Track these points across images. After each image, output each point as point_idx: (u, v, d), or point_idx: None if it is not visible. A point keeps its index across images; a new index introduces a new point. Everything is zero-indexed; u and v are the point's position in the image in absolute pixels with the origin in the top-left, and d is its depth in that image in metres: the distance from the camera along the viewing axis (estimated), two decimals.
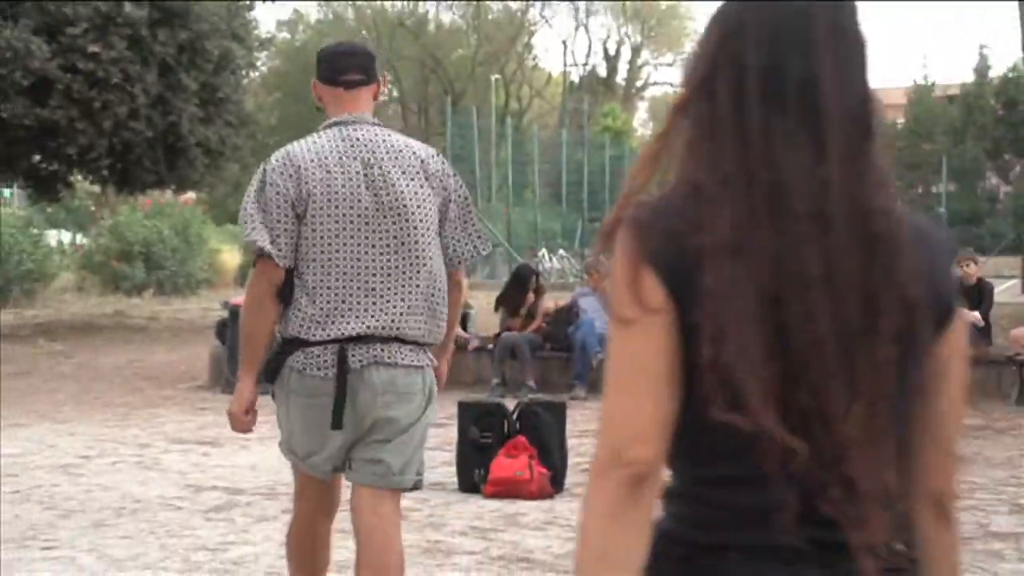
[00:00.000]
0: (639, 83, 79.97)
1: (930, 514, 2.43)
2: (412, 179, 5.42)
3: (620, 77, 77.30)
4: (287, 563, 6.10)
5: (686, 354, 2.22)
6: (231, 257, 37.93)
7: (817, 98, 2.27)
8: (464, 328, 16.67)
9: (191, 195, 34.88)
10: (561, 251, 36.20)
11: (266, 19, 68.18)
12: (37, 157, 24.10)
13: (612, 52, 77.99)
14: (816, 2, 2.32)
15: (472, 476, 9.89)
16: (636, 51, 78.48)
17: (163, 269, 33.11)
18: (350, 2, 72.99)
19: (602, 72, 76.36)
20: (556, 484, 9.91)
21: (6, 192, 34.23)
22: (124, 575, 7.41)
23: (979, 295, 16.33)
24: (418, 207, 5.41)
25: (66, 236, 39.02)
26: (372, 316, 5.35)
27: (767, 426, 2.15)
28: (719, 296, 2.16)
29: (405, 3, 73.58)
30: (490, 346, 16.49)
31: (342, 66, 5.67)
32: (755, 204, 2.22)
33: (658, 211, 2.30)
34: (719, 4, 2.44)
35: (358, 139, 5.43)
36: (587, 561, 2.25)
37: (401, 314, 5.38)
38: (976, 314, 15.97)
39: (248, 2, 25.10)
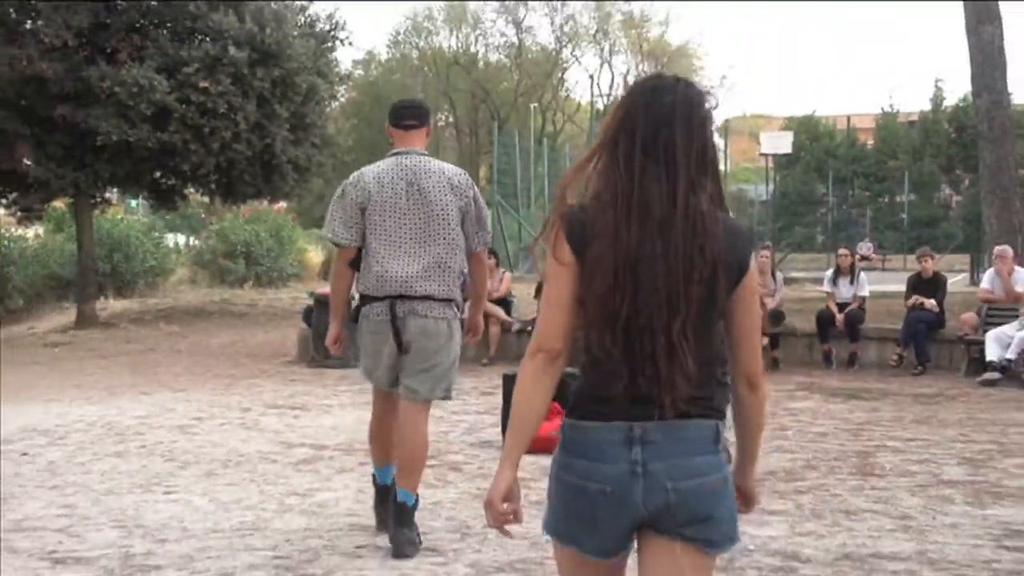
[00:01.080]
0: None
1: (743, 385, 3.57)
2: (439, 191, 6.80)
3: None
4: (369, 447, 7.44)
5: (585, 295, 3.40)
6: (315, 255, 37.90)
7: (673, 153, 3.40)
8: (508, 313, 16.72)
9: (283, 204, 34.88)
10: None
11: (345, 58, 67.86)
12: (158, 174, 24.11)
13: (658, 71, 77.65)
14: (676, 99, 3.46)
15: None
16: None
17: (260, 265, 33.16)
18: (413, 45, 73.00)
19: None
20: None
21: (133, 203, 34.34)
22: (230, 515, 7.48)
23: (935, 286, 16.30)
24: (441, 209, 6.79)
25: (181, 238, 39.15)
26: (410, 282, 6.75)
27: (595, 333, 3.41)
28: (594, 262, 3.36)
29: (459, 45, 73.57)
30: (529, 328, 16.50)
31: (403, 115, 7.16)
32: (629, 210, 3.37)
33: (575, 211, 3.46)
34: (625, 93, 3.70)
35: (406, 165, 6.86)
36: (518, 403, 3.54)
37: (419, 276, 6.74)
38: (933, 301, 15.93)
39: (330, 45, 25.08)
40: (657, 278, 3.34)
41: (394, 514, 6.68)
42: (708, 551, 3.39)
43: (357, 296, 7.12)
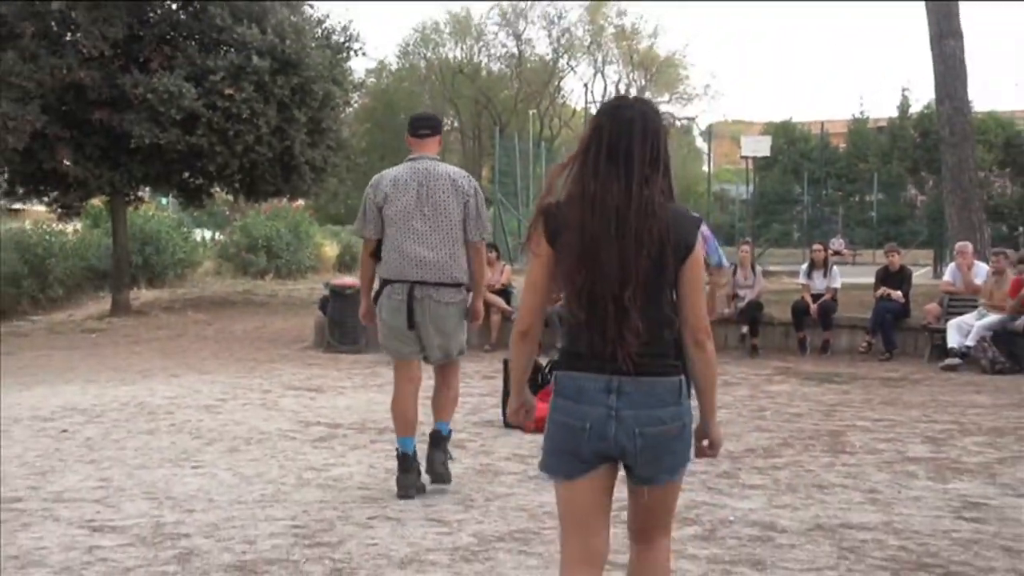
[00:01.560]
0: None
1: (691, 343, 3.97)
2: (444, 192, 7.46)
3: None
4: (392, 419, 7.72)
5: (560, 271, 3.96)
6: (331, 249, 37.92)
7: (631, 156, 3.93)
8: (508, 303, 16.69)
9: (300, 202, 34.83)
10: None
11: (358, 67, 67.77)
12: (186, 174, 24.09)
13: (622, 92, 77.76)
14: (635, 115, 4.00)
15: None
16: (640, 92, 78.03)
17: (280, 258, 33.10)
18: (421, 56, 72.94)
19: None
20: None
21: (163, 200, 34.36)
22: (252, 488, 7.50)
23: (902, 278, 16.31)
24: (445, 208, 7.45)
25: (207, 233, 39.12)
26: (422, 269, 7.40)
27: (576, 305, 3.93)
28: (564, 247, 3.93)
29: (463, 55, 73.49)
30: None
31: (418, 126, 7.86)
32: (592, 204, 3.91)
33: (552, 208, 3.99)
34: (596, 113, 4.27)
35: (419, 169, 7.52)
36: (514, 360, 4.23)
37: (432, 265, 7.40)
38: (899, 292, 15.95)
39: (345, 55, 25.06)
40: (612, 256, 3.87)
41: (431, 441, 7.68)
42: (672, 480, 4.02)
43: (379, 279, 7.66)
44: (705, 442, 4.10)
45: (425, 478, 7.48)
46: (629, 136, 3.96)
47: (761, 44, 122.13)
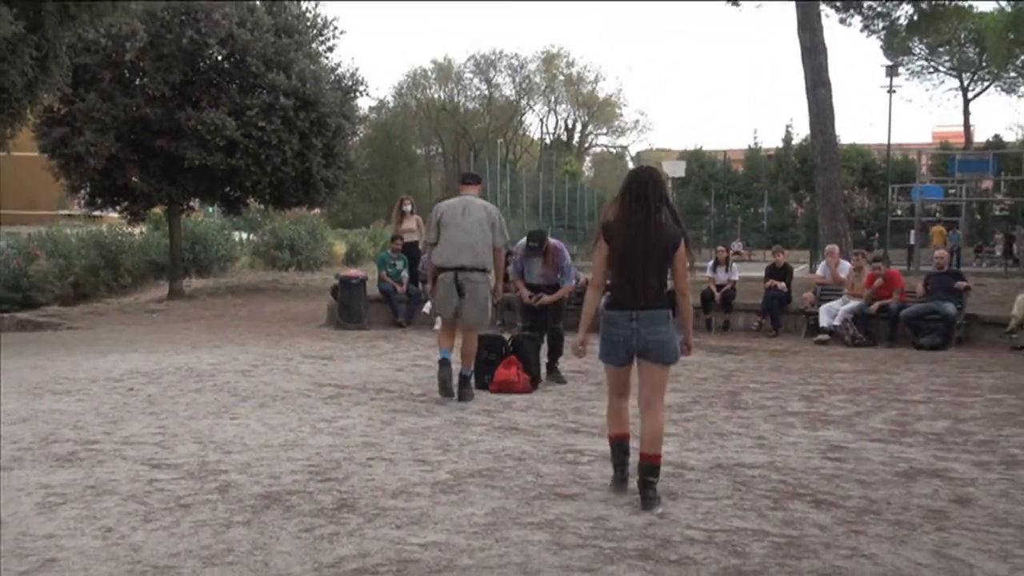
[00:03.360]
0: (586, 145, 79.58)
1: (680, 294, 5.81)
2: (478, 212, 9.10)
3: (574, 141, 76.97)
4: (438, 340, 9.47)
5: (610, 258, 5.68)
6: (340, 247, 37.84)
7: (647, 198, 5.61)
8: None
9: (317, 210, 34.70)
10: None
11: (363, 105, 67.62)
12: (227, 188, 23.95)
13: (570, 126, 77.64)
14: (648, 176, 5.79)
15: (483, 379, 9.87)
16: (584, 126, 78.00)
17: (300, 254, 32.94)
18: (412, 96, 72.75)
19: (564, 138, 76.05)
20: (533, 384, 9.85)
21: (209, 209, 34.21)
22: (277, 435, 7.47)
23: (785, 273, 16.38)
24: (479, 223, 9.03)
25: (244, 235, 38.89)
26: (463, 259, 9.00)
27: (616, 274, 5.67)
28: (614, 246, 5.64)
29: (445, 96, 73.37)
30: (495, 302, 16.49)
31: (465, 178, 9.96)
32: (627, 224, 5.62)
33: (607, 224, 5.72)
34: (628, 175, 5.94)
35: (463, 199, 9.23)
36: (586, 305, 5.88)
37: (469, 258, 9.02)
38: (783, 284, 16.02)
39: (353, 95, 24.98)
40: (638, 250, 5.63)
41: (460, 382, 9.18)
42: (665, 365, 5.73)
43: (434, 266, 9.31)
44: (685, 347, 5.97)
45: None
46: (645, 188, 5.68)
47: (680, 87, 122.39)
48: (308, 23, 24.12)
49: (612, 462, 5.90)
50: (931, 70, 57.57)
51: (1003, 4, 39.98)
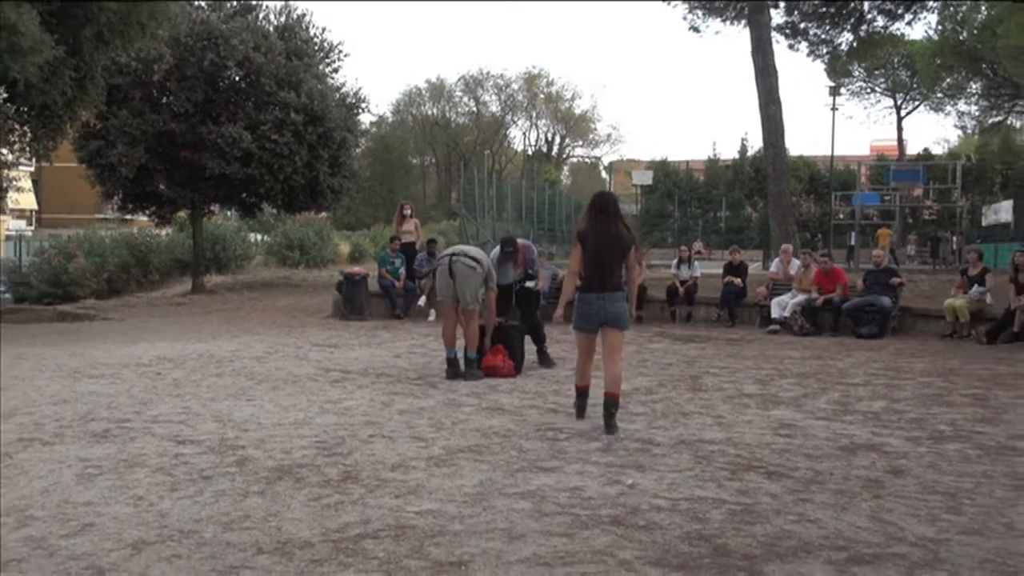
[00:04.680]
0: (564, 156, 79.59)
1: (632, 281, 7.01)
2: (472, 255, 9.45)
3: (554, 152, 76.96)
4: (442, 338, 9.71)
5: (583, 256, 6.82)
6: (344, 247, 37.77)
7: (608, 213, 6.87)
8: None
9: (324, 214, 34.62)
10: None
11: (364, 120, 67.53)
12: (244, 194, 23.86)
13: (550, 139, 77.61)
14: (608, 197, 7.07)
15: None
16: (562, 139, 78.00)
17: (309, 253, 32.80)
18: (408, 112, 72.62)
19: (544, 150, 76.01)
20: (517, 370, 9.84)
21: (228, 213, 34.06)
22: (288, 414, 7.44)
23: (741, 270, 16.42)
24: (475, 255, 9.46)
25: (259, 236, 38.73)
26: (455, 253, 9.41)
27: (588, 267, 6.82)
28: (586, 247, 6.81)
29: (438, 112, 73.23)
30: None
31: (508, 252, 10.11)
32: (595, 231, 6.82)
33: (581, 230, 6.84)
34: (593, 197, 7.18)
35: (500, 252, 10.10)
36: (565, 284, 7.20)
37: (462, 251, 9.50)
38: (739, 280, 16.06)
39: (356, 111, 24.91)
40: (603, 251, 6.79)
41: (466, 363, 9.46)
42: (621, 330, 6.83)
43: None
44: (632, 317, 7.12)
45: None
46: (608, 206, 6.93)
47: (648, 104, 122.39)
48: (316, 47, 24.05)
49: (575, 404, 7.27)
50: (869, 90, 57.92)
51: (931, 33, 40.38)
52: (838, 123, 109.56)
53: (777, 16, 24.39)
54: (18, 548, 4.19)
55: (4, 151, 19.13)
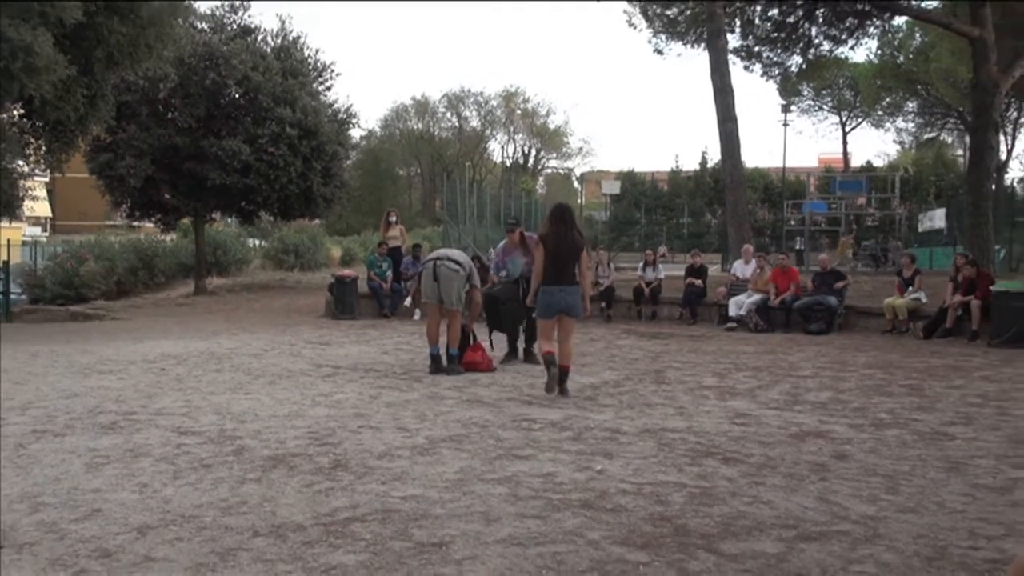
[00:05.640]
0: (539, 167, 79.56)
1: (582, 278, 7.81)
2: (454, 257, 9.46)
3: (530, 164, 76.93)
4: (426, 336, 9.55)
5: (545, 256, 7.71)
6: (336, 252, 37.56)
7: (564, 220, 7.80)
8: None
9: (317, 221, 34.48)
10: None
11: (355, 134, 67.28)
12: (243, 203, 23.74)
13: (526, 152, 77.55)
14: (564, 208, 8.01)
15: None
16: (538, 151, 77.95)
17: (303, 257, 32.61)
18: (396, 126, 72.39)
19: (521, 161, 75.96)
20: (510, 342, 10.01)
21: (228, 220, 33.87)
22: (283, 407, 7.38)
23: (702, 272, 16.49)
24: (457, 257, 9.49)
25: (257, 241, 38.46)
26: (440, 257, 9.37)
27: (548, 264, 7.72)
28: (547, 248, 7.72)
29: (423, 126, 73.01)
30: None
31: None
32: (556, 236, 7.71)
33: (544, 235, 7.74)
34: (552, 209, 8.12)
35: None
36: (535, 276, 7.92)
37: (445, 255, 9.45)
38: (700, 281, 16.12)
39: (347, 126, 24.80)
40: (562, 252, 7.63)
41: (448, 359, 9.35)
42: (576, 318, 7.78)
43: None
44: (585, 311, 7.88)
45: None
46: (564, 215, 7.84)
47: (616, 120, 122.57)
48: (310, 67, 23.97)
49: (547, 368, 7.81)
50: (817, 108, 58.26)
51: (872, 57, 40.72)
52: (789, 137, 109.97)
53: (733, 40, 24.38)
54: (31, 532, 4.15)
55: (21, 163, 18.96)
